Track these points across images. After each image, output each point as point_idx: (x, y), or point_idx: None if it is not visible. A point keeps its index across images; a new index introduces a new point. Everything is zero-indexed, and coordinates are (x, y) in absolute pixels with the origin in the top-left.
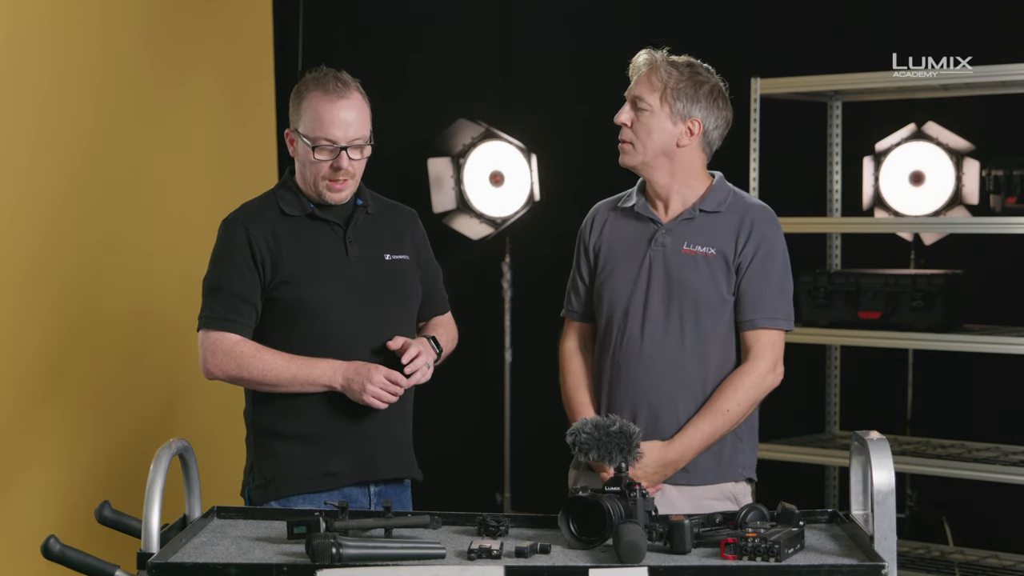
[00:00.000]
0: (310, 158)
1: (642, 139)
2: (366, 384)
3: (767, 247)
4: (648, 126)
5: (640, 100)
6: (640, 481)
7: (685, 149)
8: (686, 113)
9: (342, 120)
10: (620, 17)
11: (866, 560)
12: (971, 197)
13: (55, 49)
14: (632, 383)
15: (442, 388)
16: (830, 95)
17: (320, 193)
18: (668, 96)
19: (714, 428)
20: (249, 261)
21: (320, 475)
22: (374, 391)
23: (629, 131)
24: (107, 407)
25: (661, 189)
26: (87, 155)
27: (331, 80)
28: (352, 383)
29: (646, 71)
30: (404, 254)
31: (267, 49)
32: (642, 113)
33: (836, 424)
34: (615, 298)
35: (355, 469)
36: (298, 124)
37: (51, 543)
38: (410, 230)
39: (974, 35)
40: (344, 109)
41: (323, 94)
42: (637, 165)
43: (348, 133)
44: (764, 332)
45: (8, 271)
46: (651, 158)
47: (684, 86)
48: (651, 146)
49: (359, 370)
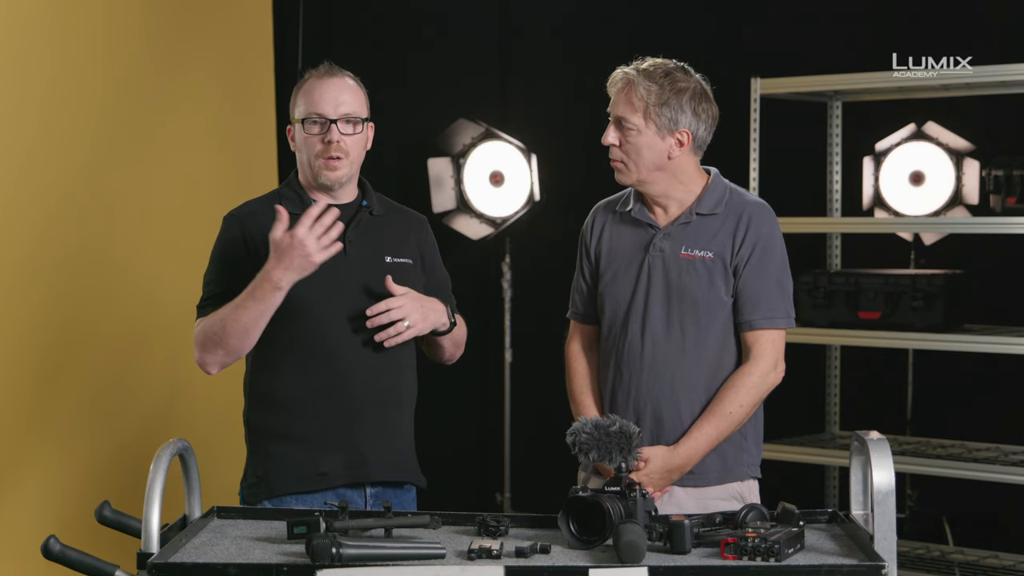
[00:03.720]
0: (303, 136)
1: (633, 159)
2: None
3: (764, 245)
4: (636, 146)
5: (624, 121)
6: (647, 487)
7: (677, 158)
8: (672, 126)
9: (332, 96)
10: (620, 17)
11: (866, 560)
12: (971, 197)
13: (56, 48)
14: (635, 388)
15: (442, 388)
16: (830, 95)
17: (316, 174)
18: (651, 113)
19: (718, 430)
20: (244, 257)
21: (311, 475)
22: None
23: (619, 151)
24: (107, 407)
25: (659, 197)
26: (88, 154)
27: (324, 65)
28: (294, 266)
29: (624, 90)
30: (407, 258)
31: (267, 49)
32: (629, 133)
33: (836, 424)
34: (616, 303)
35: (346, 470)
36: (293, 112)
37: (51, 543)
38: (416, 235)
39: (974, 35)
40: (334, 86)
41: (315, 76)
42: (634, 183)
43: (339, 109)
44: (763, 332)
45: (8, 270)
46: (645, 175)
47: (666, 99)
48: (643, 164)
49: (286, 256)
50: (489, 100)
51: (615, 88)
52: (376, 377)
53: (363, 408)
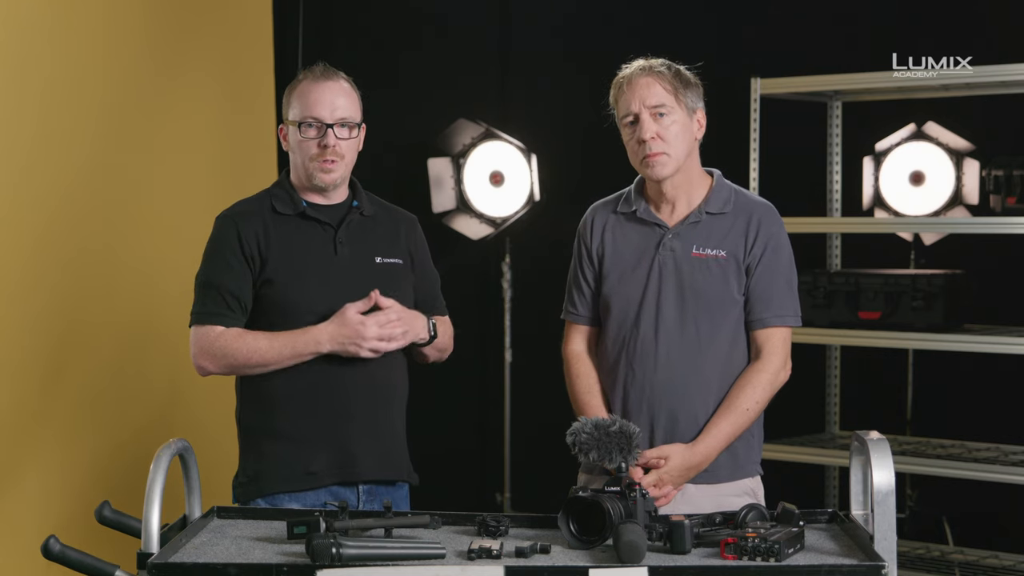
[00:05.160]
0: (298, 138)
1: (674, 145)
2: (361, 342)
3: (774, 245)
4: (675, 131)
5: (661, 107)
6: (667, 484)
7: (696, 144)
8: (694, 106)
9: (328, 100)
10: (620, 17)
11: (866, 560)
12: (971, 197)
13: (56, 48)
14: (648, 387)
15: (442, 388)
16: (830, 95)
17: (311, 176)
18: (680, 96)
19: (735, 427)
20: (239, 257)
21: (301, 474)
22: (372, 344)
23: (660, 142)
24: (107, 407)
25: (672, 191)
26: (88, 154)
27: (318, 67)
28: (346, 345)
29: (651, 78)
30: (397, 258)
31: (267, 49)
32: (667, 120)
33: (836, 424)
34: (626, 304)
35: (336, 469)
36: (288, 113)
37: (51, 543)
38: (407, 235)
39: (974, 35)
40: (330, 90)
41: (310, 79)
42: (672, 174)
43: (335, 113)
44: (775, 330)
45: (7, 269)
46: (683, 162)
47: (683, 82)
48: (683, 150)
49: (345, 330)
50: (489, 100)
51: (639, 82)
52: (366, 376)
53: (354, 407)
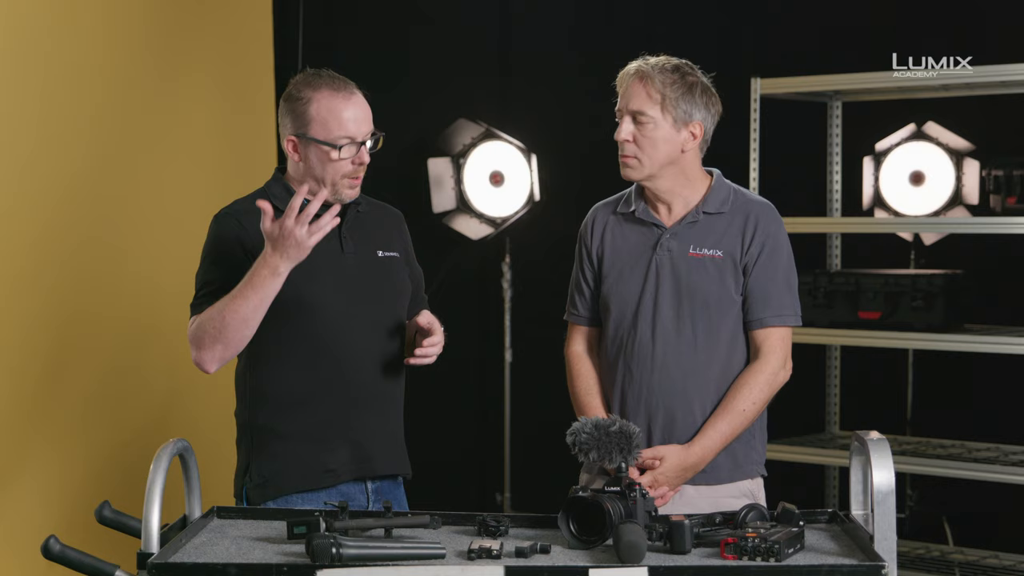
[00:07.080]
0: (330, 158)
1: (648, 152)
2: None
3: (772, 244)
4: (653, 139)
5: (641, 114)
6: (662, 485)
7: (688, 153)
8: (687, 118)
9: (358, 116)
10: (620, 17)
11: (866, 560)
12: (971, 197)
13: (56, 48)
14: (646, 388)
15: (442, 388)
16: (830, 95)
17: (338, 192)
18: (668, 105)
19: (732, 428)
20: (240, 255)
21: (319, 472)
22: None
23: (632, 146)
24: (107, 407)
25: (665, 194)
26: (87, 154)
27: (336, 79)
28: (291, 252)
29: (640, 83)
30: (395, 252)
31: (267, 49)
32: (644, 127)
33: (836, 424)
34: (624, 304)
35: (353, 465)
36: (306, 129)
37: (51, 543)
38: (398, 230)
39: (974, 35)
40: (356, 105)
41: (333, 92)
42: (642, 178)
43: (363, 128)
44: (774, 330)
45: (7, 269)
46: (657, 169)
47: (681, 91)
48: (657, 158)
49: (284, 243)
50: (489, 100)
51: (628, 83)
52: (374, 371)
53: (364, 402)
